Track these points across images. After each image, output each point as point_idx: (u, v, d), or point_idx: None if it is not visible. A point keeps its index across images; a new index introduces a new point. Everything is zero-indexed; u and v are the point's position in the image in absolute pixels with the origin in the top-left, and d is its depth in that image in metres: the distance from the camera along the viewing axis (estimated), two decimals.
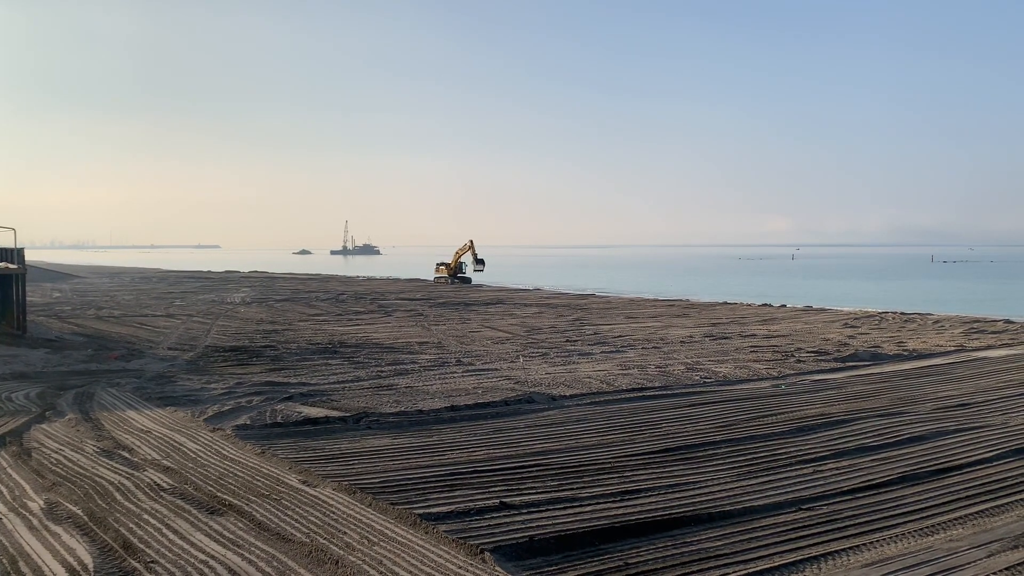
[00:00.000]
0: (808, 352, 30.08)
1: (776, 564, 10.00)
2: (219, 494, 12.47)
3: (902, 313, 48.94)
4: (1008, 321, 42.79)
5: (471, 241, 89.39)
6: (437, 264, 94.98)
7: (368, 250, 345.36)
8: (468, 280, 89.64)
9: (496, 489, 12.86)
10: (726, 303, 59.63)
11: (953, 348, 31.47)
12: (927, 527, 11.35)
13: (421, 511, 11.61)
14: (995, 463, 14.66)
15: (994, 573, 9.75)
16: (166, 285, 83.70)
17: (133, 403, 20.08)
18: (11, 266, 34.06)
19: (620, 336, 36.20)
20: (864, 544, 10.68)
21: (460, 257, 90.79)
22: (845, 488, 13.10)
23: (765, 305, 56.93)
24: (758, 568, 9.91)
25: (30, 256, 46.76)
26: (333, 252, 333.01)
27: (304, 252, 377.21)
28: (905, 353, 29.95)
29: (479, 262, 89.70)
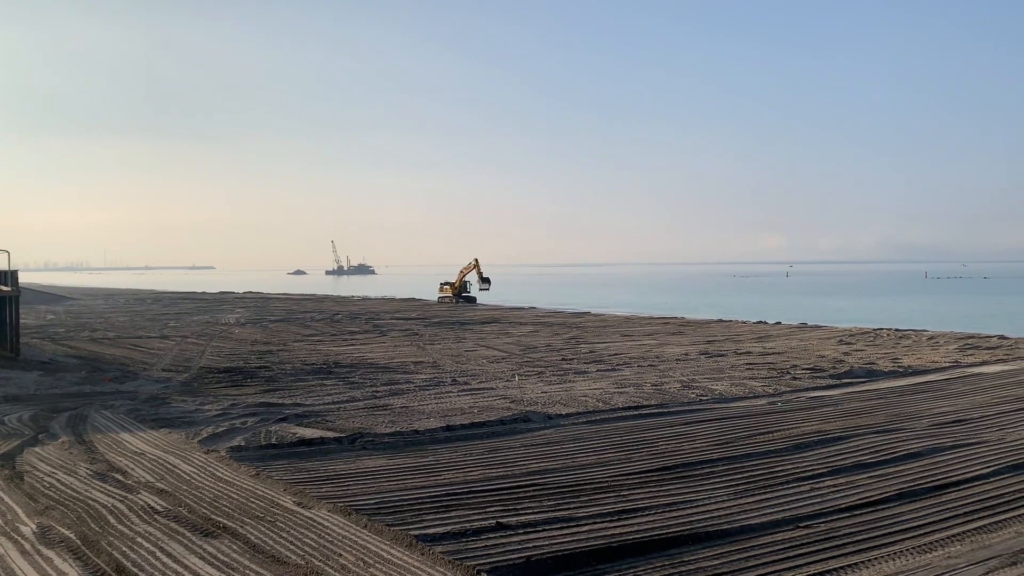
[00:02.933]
0: (804, 369, 30.08)
1: None
2: (213, 516, 12.38)
3: (897, 330, 49.02)
4: (1003, 337, 42.88)
5: (476, 260, 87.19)
6: (441, 284, 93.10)
7: (363, 270, 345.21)
8: (473, 300, 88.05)
9: (492, 509, 12.79)
10: (721, 320, 59.68)
11: (948, 364, 31.50)
12: (925, 544, 11.31)
13: (417, 532, 11.53)
14: (992, 479, 14.63)
15: None
16: (160, 306, 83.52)
17: (127, 425, 19.97)
18: (4, 288, 33.97)
19: (616, 354, 36.18)
20: (862, 562, 10.64)
21: (465, 276, 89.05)
22: (843, 505, 13.06)
23: (760, 322, 56.97)
24: None
25: (24, 278, 46.67)
26: (328, 272, 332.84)
27: (299, 272, 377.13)
28: (900, 370, 29.97)
29: (484, 281, 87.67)
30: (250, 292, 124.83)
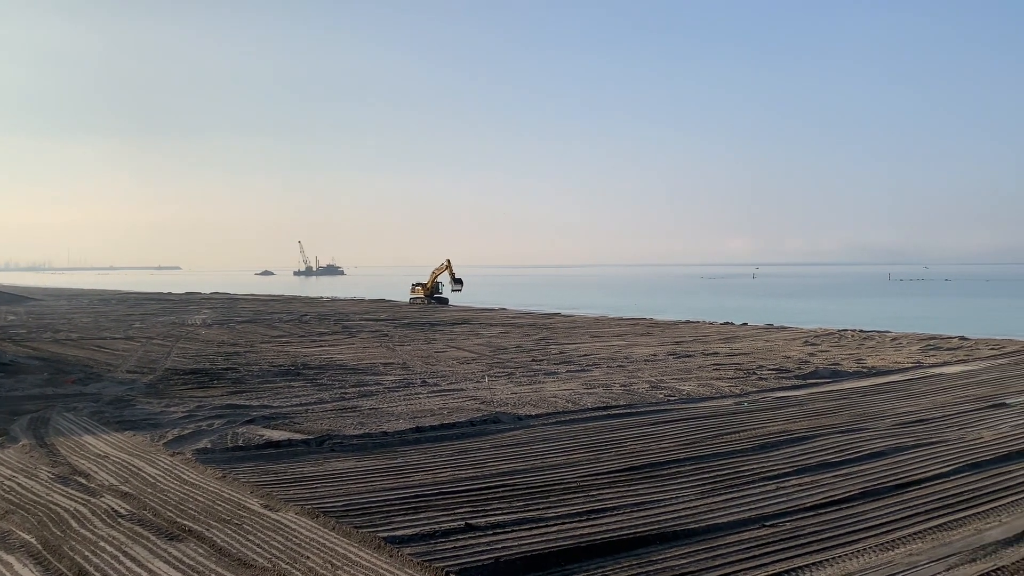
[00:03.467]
0: (770, 370, 30.43)
1: None
2: (179, 519, 12.24)
3: (861, 331, 49.76)
4: (963, 338, 43.71)
5: (448, 261, 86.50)
6: (413, 285, 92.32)
7: (332, 271, 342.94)
8: (445, 301, 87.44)
9: (462, 511, 12.79)
10: (689, 322, 60.15)
11: (911, 365, 32.05)
12: (888, 542, 11.50)
13: (385, 534, 11.49)
14: (952, 478, 14.92)
15: None
16: (125, 307, 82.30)
17: (90, 428, 19.66)
18: None
19: (585, 355, 36.33)
20: (827, 560, 10.79)
21: (437, 277, 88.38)
22: (808, 504, 13.24)
23: (727, 323, 57.53)
24: None
25: None
26: (296, 273, 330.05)
27: (267, 273, 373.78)
28: (864, 370, 30.44)
29: (457, 282, 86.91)
30: (217, 293, 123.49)
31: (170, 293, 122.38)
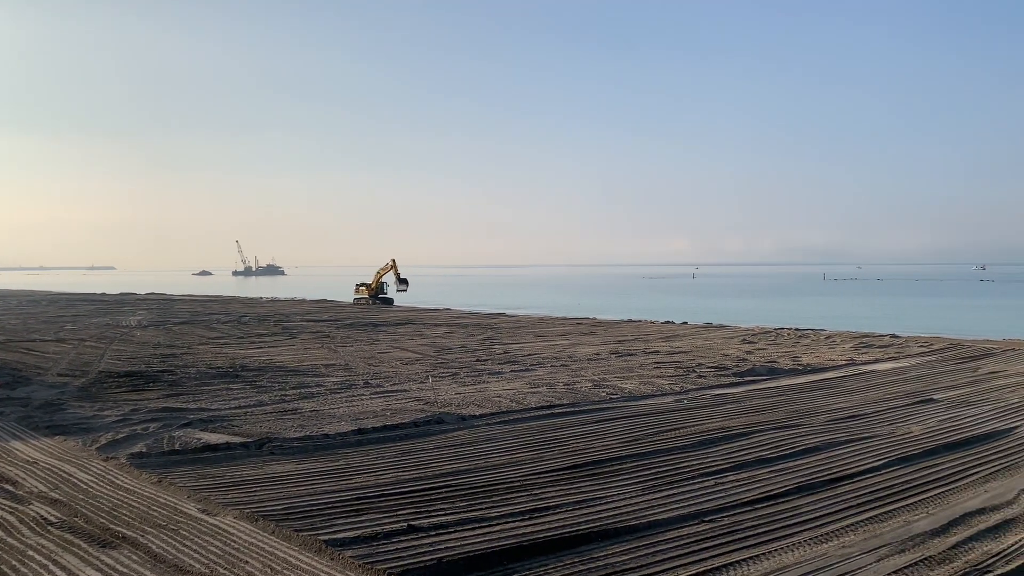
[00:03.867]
0: (709, 367, 30.97)
1: None
2: (112, 526, 11.91)
3: (797, 329, 51.00)
4: (894, 336, 45.14)
5: (393, 260, 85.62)
6: (357, 285, 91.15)
7: (272, 271, 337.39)
8: (390, 301, 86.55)
9: (404, 512, 12.72)
10: (631, 321, 60.85)
11: (844, 362, 32.97)
12: (822, 535, 11.82)
13: (326, 537, 11.37)
14: (883, 471, 15.40)
15: None
16: (57, 308, 79.63)
17: (18, 433, 19.00)
18: None
19: (529, 355, 36.46)
20: (763, 554, 11.04)
21: (382, 277, 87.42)
22: (745, 499, 13.52)
23: (668, 322, 58.36)
24: None
25: None
26: (235, 273, 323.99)
27: (204, 273, 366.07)
28: (800, 368, 31.20)
29: (402, 282, 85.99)
30: (153, 293, 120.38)
31: (104, 294, 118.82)
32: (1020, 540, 11.51)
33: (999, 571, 10.37)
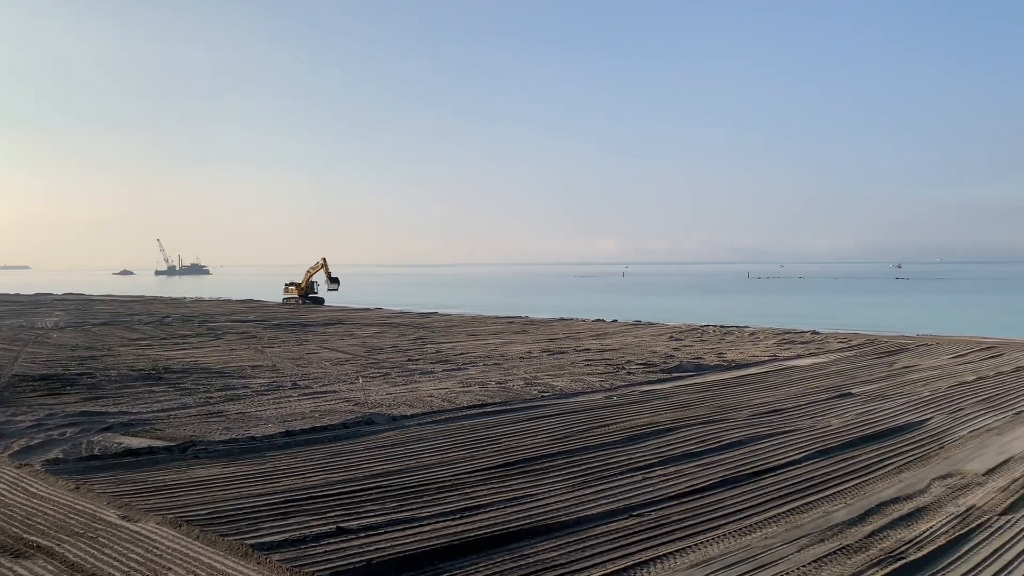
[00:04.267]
0: (638, 364, 31.45)
1: (609, 571, 10.36)
2: (25, 535, 11.45)
3: (722, 326, 52.23)
4: (815, 332, 46.63)
5: (324, 259, 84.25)
6: (286, 284, 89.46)
7: (197, 270, 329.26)
8: (321, 301, 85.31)
9: (333, 514, 12.57)
10: (563, 319, 61.36)
11: (767, 358, 33.89)
12: (745, 527, 12.13)
13: (253, 541, 11.15)
14: (803, 464, 15.90)
15: (804, 565, 10.55)
16: None
17: None
18: None
19: (462, 354, 36.42)
20: (690, 547, 11.27)
21: (312, 276, 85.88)
22: (672, 493, 13.78)
23: (599, 320, 59.06)
24: None
25: None
26: (158, 272, 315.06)
27: (126, 273, 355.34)
28: (725, 363, 31.95)
29: (333, 281, 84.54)
30: (71, 294, 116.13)
31: (18, 295, 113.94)
32: (931, 527, 12.03)
33: (912, 557, 10.82)
